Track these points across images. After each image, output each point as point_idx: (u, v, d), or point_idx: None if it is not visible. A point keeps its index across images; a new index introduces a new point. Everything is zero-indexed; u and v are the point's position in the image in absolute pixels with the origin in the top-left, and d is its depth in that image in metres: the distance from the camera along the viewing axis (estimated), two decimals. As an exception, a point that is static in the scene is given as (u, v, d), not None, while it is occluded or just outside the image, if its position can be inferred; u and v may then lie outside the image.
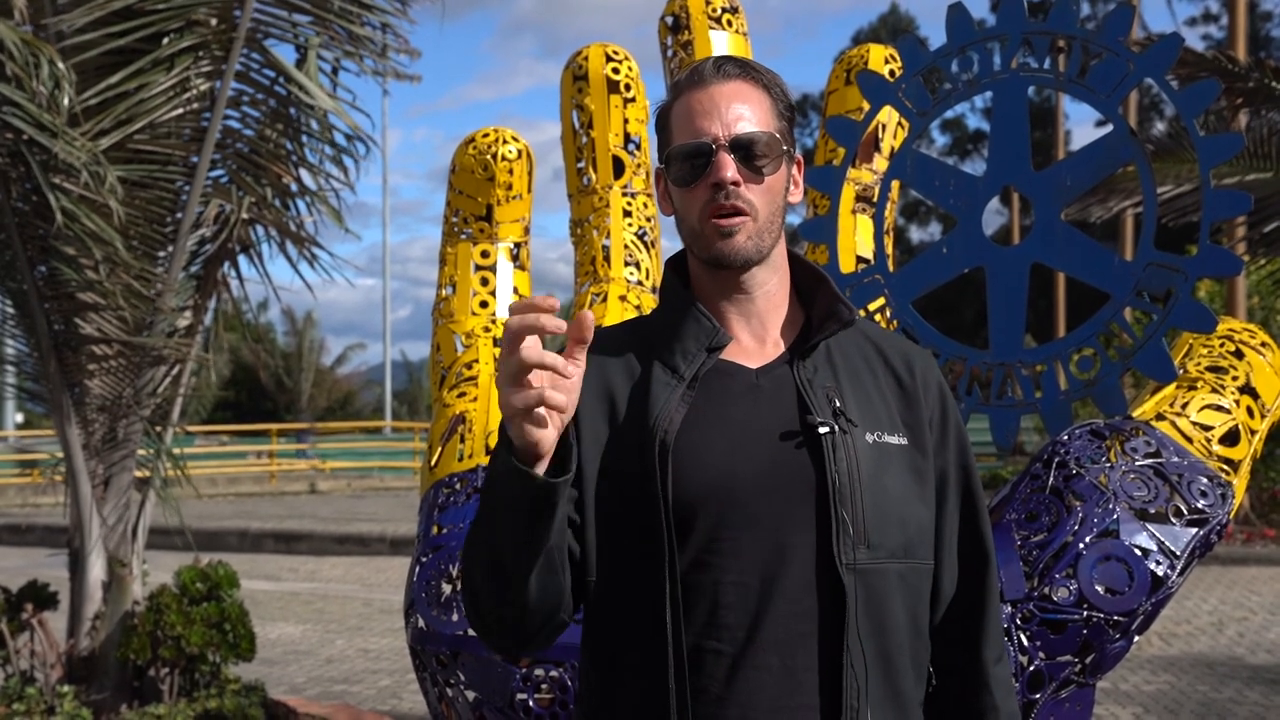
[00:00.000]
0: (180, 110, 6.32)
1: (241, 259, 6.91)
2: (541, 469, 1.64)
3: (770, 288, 1.92)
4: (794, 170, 1.93)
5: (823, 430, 1.79)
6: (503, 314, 3.54)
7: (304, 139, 6.74)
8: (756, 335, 1.92)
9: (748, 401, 1.85)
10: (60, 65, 5.61)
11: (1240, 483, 3.00)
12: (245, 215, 6.52)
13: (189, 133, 6.54)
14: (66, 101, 5.64)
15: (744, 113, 1.85)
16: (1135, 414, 3.08)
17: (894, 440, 1.86)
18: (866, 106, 3.51)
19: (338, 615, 11.58)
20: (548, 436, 1.62)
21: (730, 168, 1.82)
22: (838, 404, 1.83)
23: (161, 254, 6.56)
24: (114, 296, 6.14)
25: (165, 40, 6.17)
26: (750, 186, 1.84)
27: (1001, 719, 1.94)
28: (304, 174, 6.80)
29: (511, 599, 1.74)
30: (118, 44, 6.05)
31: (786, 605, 1.76)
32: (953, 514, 1.94)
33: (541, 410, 1.59)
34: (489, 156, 3.53)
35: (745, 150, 1.84)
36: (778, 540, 1.77)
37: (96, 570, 6.35)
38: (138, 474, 6.65)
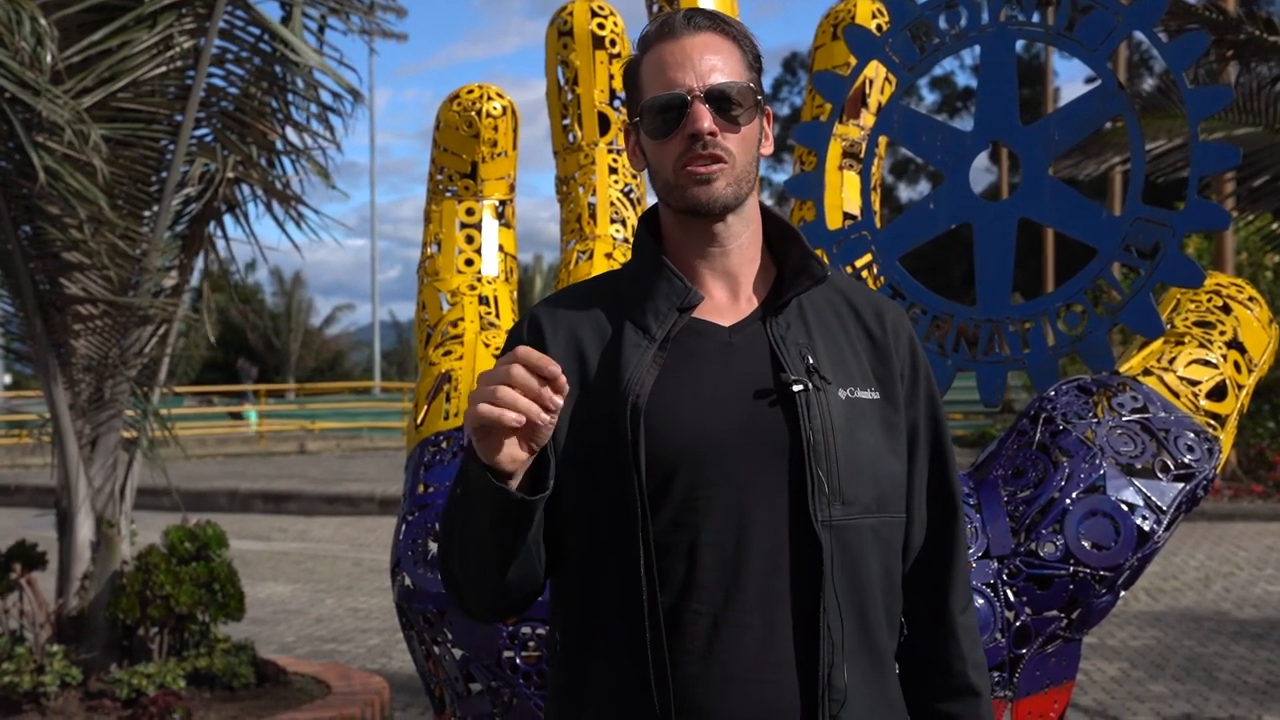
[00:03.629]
0: (164, 68, 6.27)
1: (228, 218, 6.87)
2: (516, 481, 1.67)
3: (744, 240, 1.90)
4: (764, 122, 1.92)
5: (796, 388, 1.79)
6: (488, 271, 3.51)
7: (290, 97, 6.69)
8: (730, 290, 1.90)
9: (721, 360, 1.84)
10: (42, 22, 5.56)
11: (1227, 438, 2.99)
12: (231, 174, 6.48)
13: (173, 91, 6.49)
14: (49, 59, 5.59)
15: (717, 64, 1.84)
16: (1122, 369, 3.08)
17: (866, 395, 1.86)
18: (853, 61, 3.48)
19: (327, 575, 11.61)
20: (518, 457, 1.65)
21: (706, 118, 1.81)
22: (811, 361, 1.82)
23: (146, 213, 6.52)
24: (99, 256, 6.11)
25: (147, -3, 6.11)
26: (727, 136, 1.83)
27: (968, 668, 1.95)
28: (290, 132, 6.76)
29: (489, 585, 1.79)
30: (100, 0, 5.99)
31: (762, 563, 1.76)
32: (922, 466, 1.94)
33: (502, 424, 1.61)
34: (474, 113, 3.50)
35: (720, 100, 1.83)
36: (753, 498, 1.77)
37: (85, 530, 6.35)
38: (125, 434, 6.64)
